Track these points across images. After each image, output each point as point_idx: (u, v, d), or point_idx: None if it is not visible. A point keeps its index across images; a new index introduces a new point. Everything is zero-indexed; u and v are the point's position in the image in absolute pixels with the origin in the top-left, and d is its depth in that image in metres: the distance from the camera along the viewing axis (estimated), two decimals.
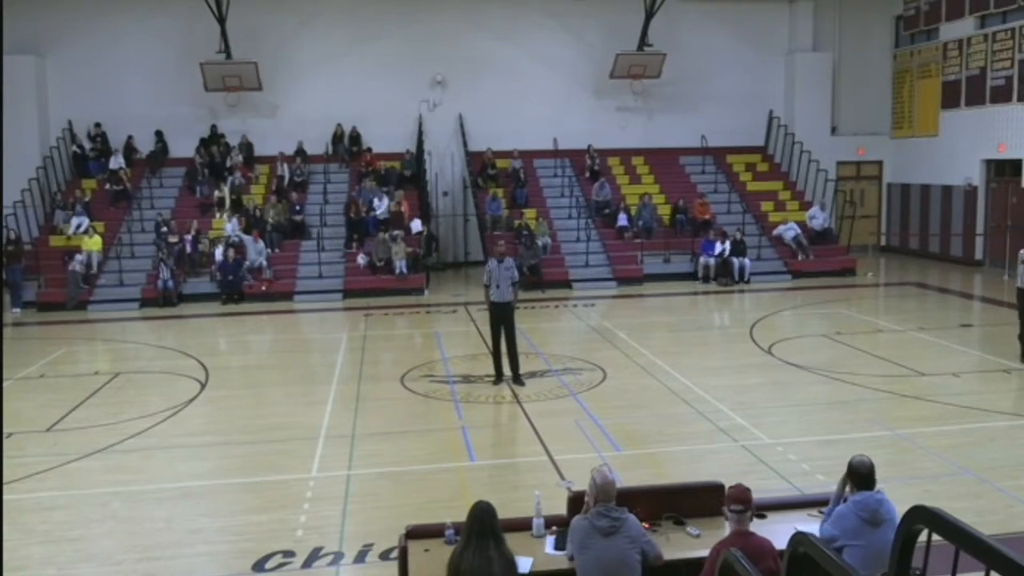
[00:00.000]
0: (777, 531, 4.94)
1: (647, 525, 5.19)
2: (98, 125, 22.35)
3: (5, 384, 11.74)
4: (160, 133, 22.72)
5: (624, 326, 15.35)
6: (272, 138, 22.82)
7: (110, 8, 22.34)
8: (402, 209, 20.95)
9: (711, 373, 11.85)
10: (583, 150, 23.52)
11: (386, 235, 19.72)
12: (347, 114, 23.14)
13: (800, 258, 20.93)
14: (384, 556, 6.48)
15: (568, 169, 23.53)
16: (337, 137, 23.33)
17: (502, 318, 11.32)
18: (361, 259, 19.73)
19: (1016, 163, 20.26)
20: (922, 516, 2.88)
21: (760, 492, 5.53)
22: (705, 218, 21.46)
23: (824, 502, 5.43)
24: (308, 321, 17.57)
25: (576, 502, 5.25)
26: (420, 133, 23.01)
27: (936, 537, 2.82)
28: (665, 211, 22.10)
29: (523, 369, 11.70)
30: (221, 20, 21.02)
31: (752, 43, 24.59)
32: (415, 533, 5.43)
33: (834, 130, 25.00)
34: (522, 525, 5.41)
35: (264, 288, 18.89)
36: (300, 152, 22.74)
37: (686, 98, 24.24)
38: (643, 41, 23.08)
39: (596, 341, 14.27)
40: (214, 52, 21.63)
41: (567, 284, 19.81)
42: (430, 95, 23.58)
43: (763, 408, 10.20)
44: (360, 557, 6.55)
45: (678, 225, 21.41)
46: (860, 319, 15.93)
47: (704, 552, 4.77)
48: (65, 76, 22.34)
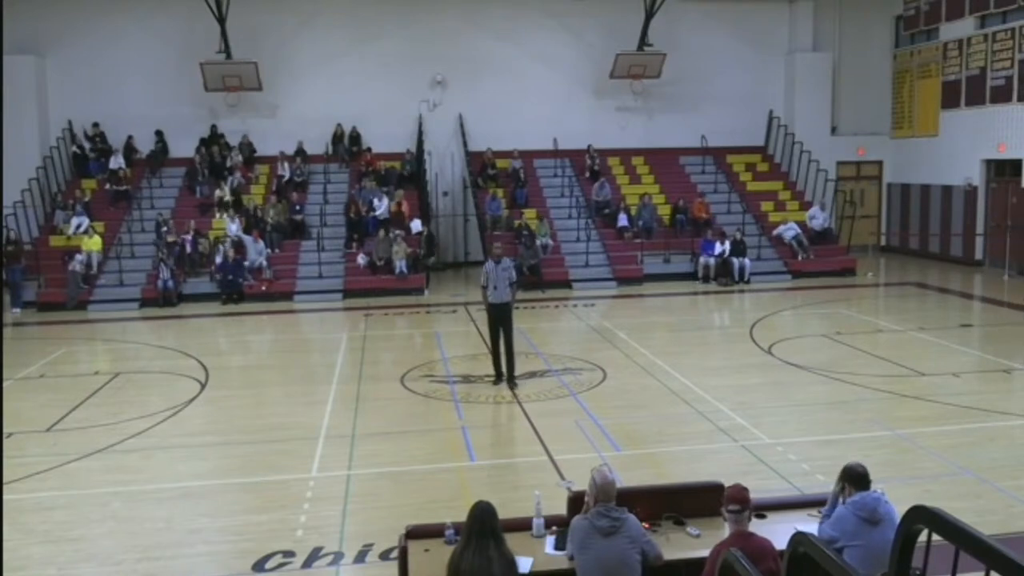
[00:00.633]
0: (777, 531, 4.93)
1: (647, 525, 5.18)
2: (96, 125, 22.36)
3: (5, 384, 11.74)
4: (160, 133, 22.72)
5: (624, 326, 15.35)
6: (272, 138, 22.83)
7: (110, 8, 22.34)
8: (402, 209, 20.95)
9: (711, 373, 11.85)
10: (583, 150, 23.52)
11: (387, 235, 19.71)
12: (347, 114, 23.14)
13: (800, 258, 20.92)
14: (384, 556, 6.48)
15: (568, 169, 23.53)
16: (337, 137, 23.33)
17: (500, 319, 11.29)
18: (361, 259, 19.73)
19: (1016, 163, 20.26)
20: (922, 516, 2.88)
21: (760, 492, 5.54)
22: (703, 217, 21.46)
23: (824, 502, 5.43)
24: (308, 321, 17.57)
25: (576, 502, 5.25)
26: (420, 133, 23.01)
27: (936, 537, 2.82)
28: (665, 211, 22.11)
29: (524, 369, 11.70)
30: (221, 20, 21.02)
31: (752, 43, 24.59)
32: (415, 533, 5.43)
33: (834, 130, 25.00)
34: (522, 525, 5.40)
35: (264, 288, 18.89)
36: (300, 152, 22.75)
37: (686, 98, 24.24)
38: (643, 41, 23.08)
39: (596, 341, 14.27)
40: (214, 52, 21.63)
41: (567, 284, 19.81)
42: (430, 95, 23.58)
43: (763, 408, 10.20)
44: (360, 557, 6.55)
45: (678, 225, 21.41)
46: (860, 319, 15.93)
47: (704, 552, 4.77)
48: (65, 76, 22.34)
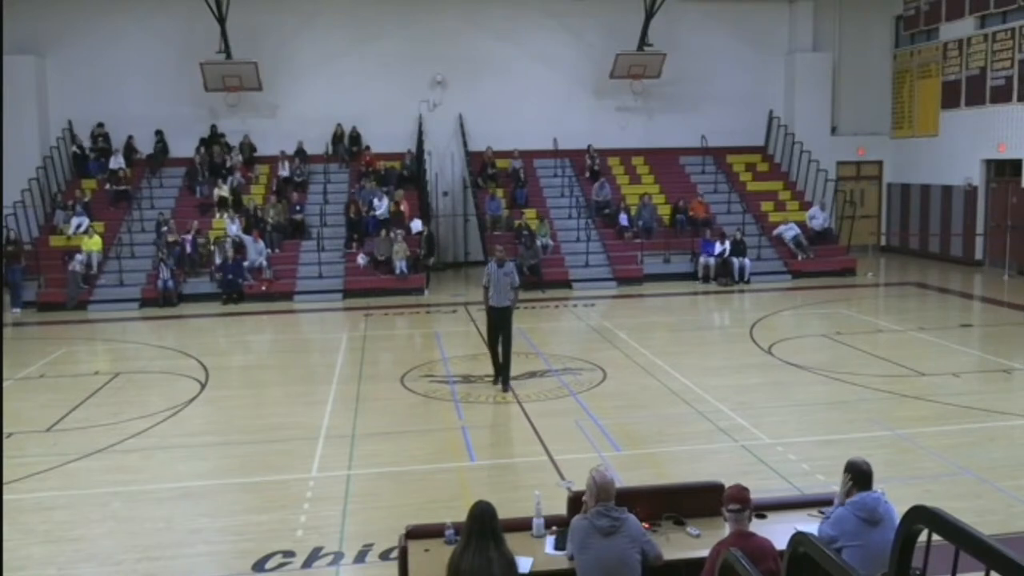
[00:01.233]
0: (777, 531, 4.93)
1: (647, 525, 5.18)
2: (101, 125, 22.35)
3: (5, 384, 11.74)
4: (160, 133, 22.72)
5: (624, 326, 15.35)
6: (272, 138, 22.83)
7: (110, 8, 22.34)
8: (402, 209, 20.95)
9: (711, 373, 11.84)
10: (583, 150, 23.52)
11: (387, 235, 19.70)
12: (347, 114, 23.14)
13: (800, 258, 20.93)
14: (384, 556, 6.48)
15: (568, 169, 23.52)
16: (337, 137, 23.33)
17: (499, 322, 11.19)
18: (361, 259, 19.73)
19: (1016, 163, 20.26)
20: (922, 516, 2.88)
21: (760, 492, 5.53)
22: (703, 216, 21.44)
23: (824, 502, 5.42)
24: (308, 321, 17.57)
25: (576, 502, 5.25)
26: (420, 133, 23.01)
27: (936, 537, 2.82)
28: (665, 211, 22.11)
29: (524, 369, 11.69)
30: (221, 20, 21.02)
31: (752, 43, 24.59)
32: (415, 533, 5.42)
33: (834, 130, 25.00)
34: (522, 525, 5.40)
35: (264, 288, 18.89)
36: (300, 152, 22.75)
37: (686, 98, 24.24)
38: (643, 41, 23.08)
39: (596, 341, 14.27)
40: (214, 52, 21.63)
41: (567, 284, 19.81)
42: (430, 95, 23.58)
43: (763, 408, 10.19)
44: (360, 557, 6.55)
45: (678, 225, 21.41)
46: (860, 319, 15.93)
47: (704, 552, 4.76)
48: (65, 76, 22.34)
